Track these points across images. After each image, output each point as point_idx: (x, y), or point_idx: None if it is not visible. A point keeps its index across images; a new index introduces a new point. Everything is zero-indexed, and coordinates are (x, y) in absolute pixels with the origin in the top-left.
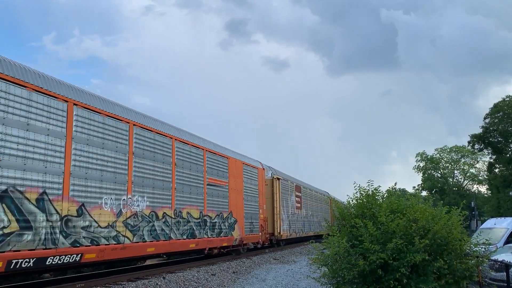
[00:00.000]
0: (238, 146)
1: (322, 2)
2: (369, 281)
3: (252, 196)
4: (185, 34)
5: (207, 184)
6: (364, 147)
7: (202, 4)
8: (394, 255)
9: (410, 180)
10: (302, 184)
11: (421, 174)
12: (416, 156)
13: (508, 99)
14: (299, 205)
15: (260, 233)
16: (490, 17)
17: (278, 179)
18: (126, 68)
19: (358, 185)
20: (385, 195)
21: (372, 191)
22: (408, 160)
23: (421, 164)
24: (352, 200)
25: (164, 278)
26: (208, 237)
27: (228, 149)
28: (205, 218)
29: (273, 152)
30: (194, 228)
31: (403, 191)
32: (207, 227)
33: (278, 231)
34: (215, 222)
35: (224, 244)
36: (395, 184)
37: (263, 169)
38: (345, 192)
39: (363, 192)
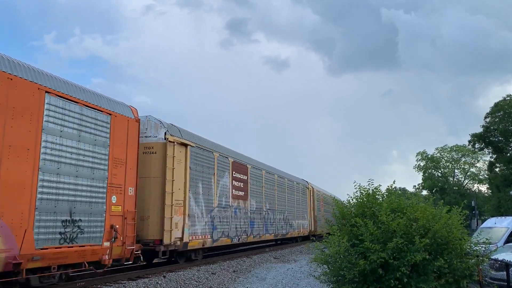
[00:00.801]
0: (238, 146)
1: (322, 2)
2: (369, 280)
3: (84, 167)
4: (186, 33)
5: None
6: (364, 147)
7: (202, 4)
8: (394, 255)
9: (410, 180)
10: (251, 162)
11: (421, 174)
12: (417, 155)
13: (508, 98)
14: (241, 193)
15: (106, 243)
16: (491, 17)
17: (185, 145)
18: (126, 68)
19: (358, 184)
20: (385, 194)
21: (372, 190)
22: (408, 160)
23: (422, 163)
24: (353, 199)
25: (164, 277)
26: None
27: None
28: None
29: (273, 152)
30: None
31: (404, 190)
32: None
33: (179, 236)
34: None
35: None
36: (394, 182)
37: (137, 120)
38: (345, 192)
39: (363, 191)
